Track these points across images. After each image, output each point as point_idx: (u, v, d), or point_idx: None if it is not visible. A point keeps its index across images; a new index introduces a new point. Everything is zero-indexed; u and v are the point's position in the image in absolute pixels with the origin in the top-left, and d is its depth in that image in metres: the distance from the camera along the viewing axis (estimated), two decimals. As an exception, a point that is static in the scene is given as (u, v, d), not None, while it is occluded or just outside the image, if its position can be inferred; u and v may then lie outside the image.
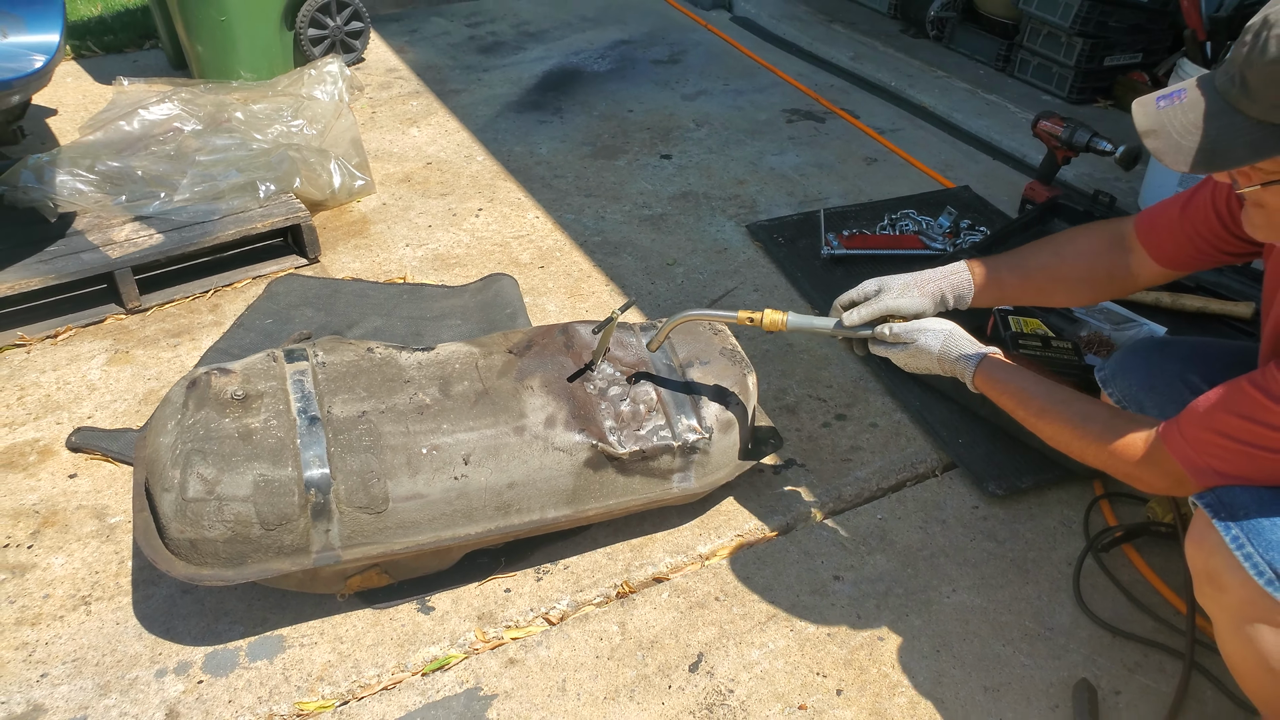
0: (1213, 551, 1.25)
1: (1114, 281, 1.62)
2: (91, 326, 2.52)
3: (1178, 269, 1.53)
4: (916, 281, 1.65)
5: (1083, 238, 1.65)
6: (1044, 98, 3.94)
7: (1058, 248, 1.66)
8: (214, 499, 1.54)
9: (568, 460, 1.75)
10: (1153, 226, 1.52)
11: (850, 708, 1.63)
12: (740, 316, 1.75)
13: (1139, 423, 1.36)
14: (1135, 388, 1.65)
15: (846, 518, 2.00)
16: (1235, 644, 1.30)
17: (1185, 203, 1.47)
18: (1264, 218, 1.21)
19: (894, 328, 1.62)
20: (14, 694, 1.62)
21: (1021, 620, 1.78)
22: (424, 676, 1.67)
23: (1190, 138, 1.12)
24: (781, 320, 1.73)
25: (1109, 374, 1.71)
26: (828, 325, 1.72)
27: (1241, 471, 1.24)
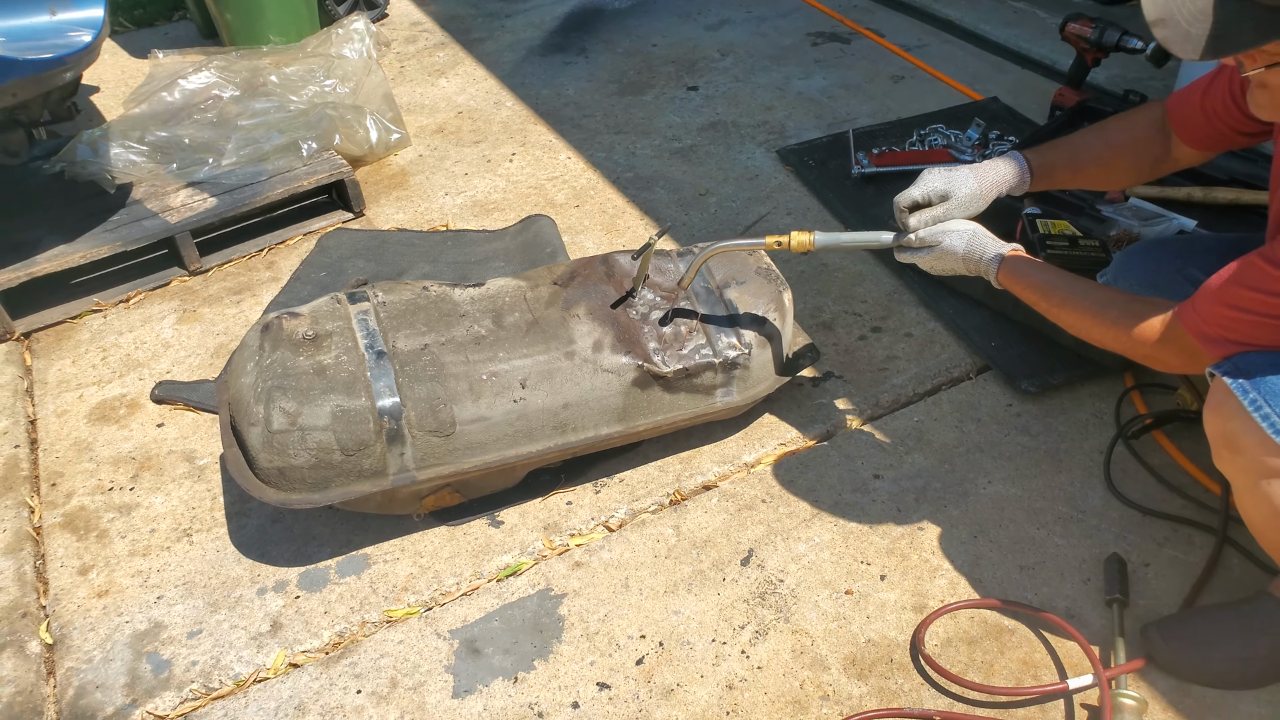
0: (1231, 416, 1.34)
1: (1158, 164, 1.71)
2: (159, 289, 2.68)
3: (1205, 150, 1.61)
4: (980, 189, 1.69)
5: (1129, 125, 1.72)
6: (1076, 2, 3.91)
7: (1107, 137, 1.72)
8: (297, 429, 1.69)
9: (616, 381, 1.87)
10: (1180, 110, 1.61)
11: (894, 590, 1.75)
12: (768, 242, 1.82)
13: (1155, 305, 1.43)
14: (1136, 285, 1.73)
15: (884, 422, 2.10)
16: (1253, 502, 1.39)
17: (1206, 87, 1.54)
18: (1268, 98, 1.27)
19: (920, 232, 1.70)
20: (136, 614, 1.79)
21: (1055, 505, 1.88)
22: (499, 582, 1.82)
23: (1199, 25, 1.16)
24: (809, 240, 1.79)
25: (1112, 276, 1.80)
26: (859, 240, 1.79)
27: (1255, 341, 1.31)
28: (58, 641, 1.77)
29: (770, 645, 1.68)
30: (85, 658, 1.73)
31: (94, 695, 1.67)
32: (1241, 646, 1.54)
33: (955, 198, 1.69)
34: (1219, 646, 1.54)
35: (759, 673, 1.64)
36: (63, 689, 1.69)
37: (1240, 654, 1.53)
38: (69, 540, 1.95)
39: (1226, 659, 1.54)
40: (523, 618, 1.76)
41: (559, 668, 1.67)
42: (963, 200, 1.69)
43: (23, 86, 2.30)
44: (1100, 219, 2.34)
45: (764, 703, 1.60)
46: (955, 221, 1.69)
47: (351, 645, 1.74)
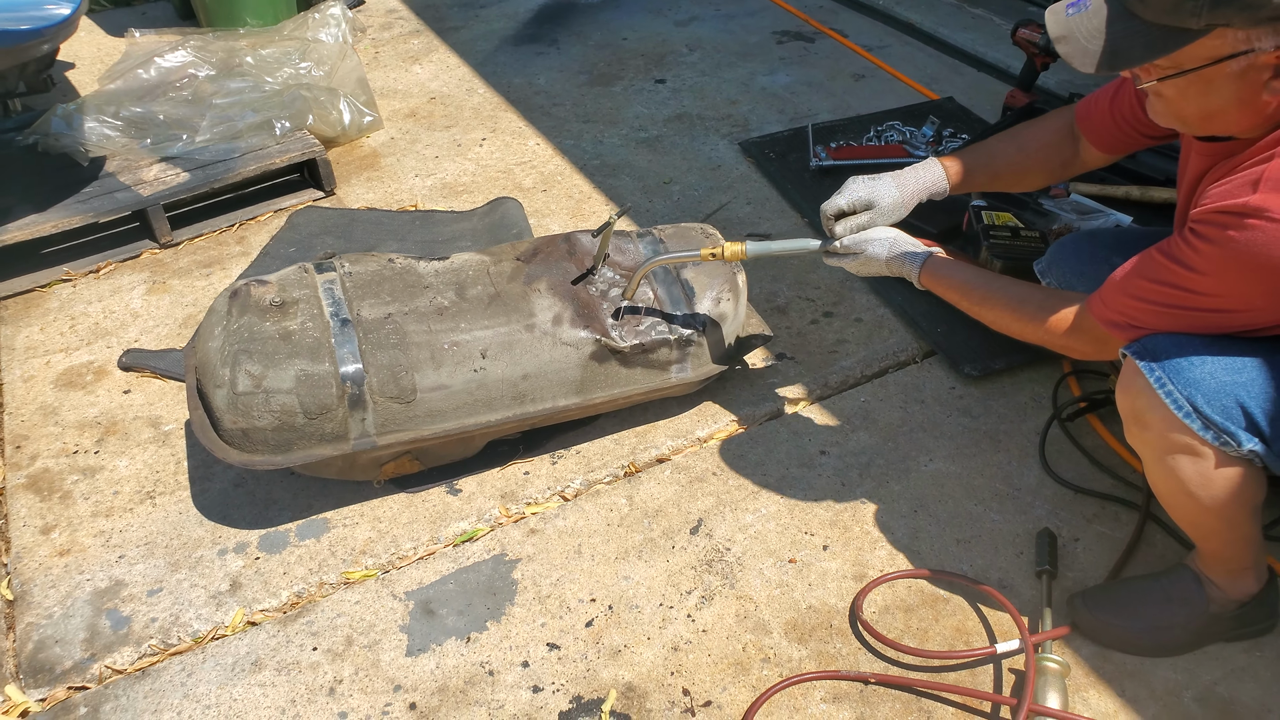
0: (1138, 394, 1.42)
1: (1067, 168, 1.79)
2: (129, 261, 2.71)
3: (1113, 153, 1.70)
4: (901, 198, 1.77)
5: (1040, 131, 1.80)
6: (1031, 9, 4.01)
7: (1021, 143, 1.80)
8: (261, 392, 1.73)
9: (574, 354, 1.93)
10: (1088, 115, 1.69)
11: (835, 560, 1.83)
12: (703, 254, 1.89)
13: (1067, 299, 1.52)
14: (1069, 275, 1.84)
15: (833, 402, 2.18)
16: (1160, 475, 1.48)
17: (1114, 95, 1.63)
18: (1164, 106, 1.36)
19: (843, 241, 1.77)
20: (97, 572, 1.84)
21: (992, 483, 1.97)
22: (455, 547, 1.88)
23: (1095, 42, 1.26)
24: (741, 250, 1.87)
25: (1045, 265, 1.91)
26: (788, 247, 1.86)
27: (1156, 326, 1.40)
28: (18, 598, 1.80)
29: (715, 610, 1.75)
30: (45, 613, 1.77)
31: (53, 649, 1.71)
32: (1159, 615, 1.62)
33: (879, 206, 1.77)
34: (1138, 615, 1.63)
35: (703, 635, 1.71)
36: (22, 643, 1.73)
37: (1157, 622, 1.62)
38: (32, 500, 1.98)
39: (1145, 627, 1.63)
40: (477, 581, 1.82)
41: (511, 629, 1.73)
42: (886, 209, 1.77)
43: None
44: (1042, 213, 2.43)
45: (707, 664, 1.67)
46: (878, 230, 1.77)
47: (309, 605, 1.79)
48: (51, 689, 1.65)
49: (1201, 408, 1.35)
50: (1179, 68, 1.25)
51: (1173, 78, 1.27)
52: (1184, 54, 1.23)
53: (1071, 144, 1.76)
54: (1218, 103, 1.27)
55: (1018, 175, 1.83)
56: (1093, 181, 2.56)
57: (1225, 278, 1.29)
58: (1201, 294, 1.33)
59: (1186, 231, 1.32)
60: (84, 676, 1.67)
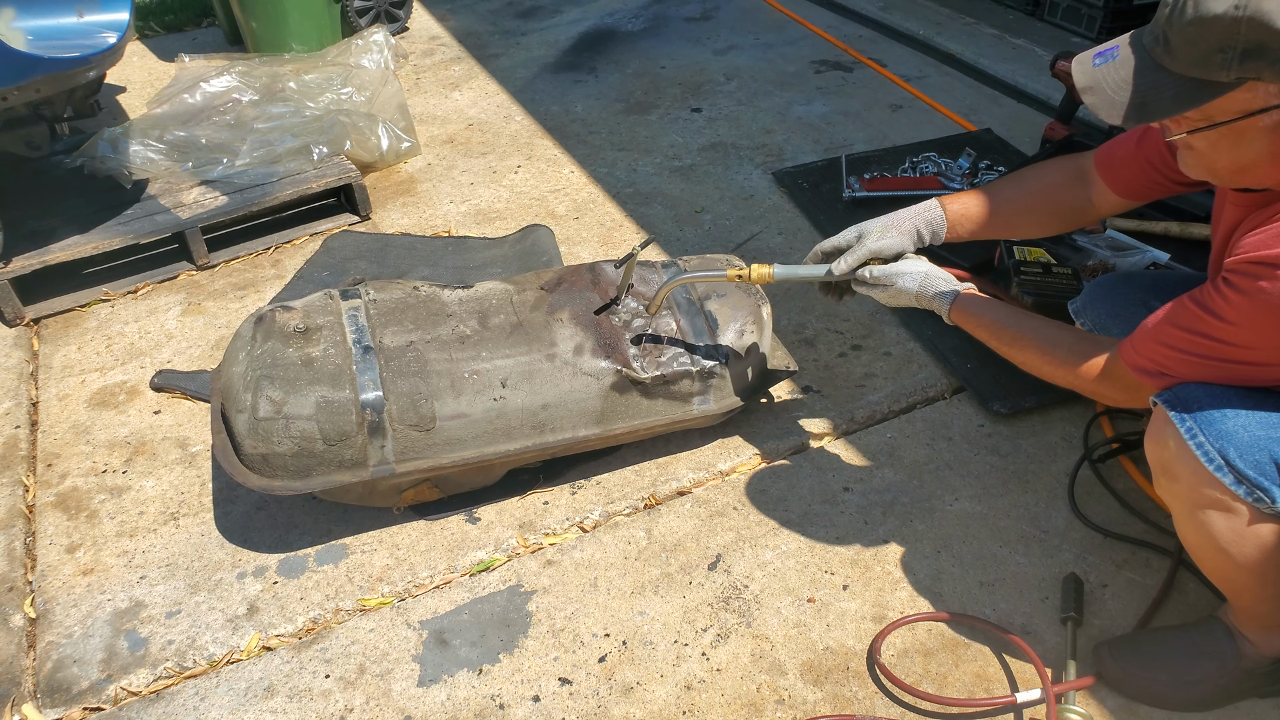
0: (1168, 444, 1.38)
1: (1075, 213, 1.73)
2: (167, 282, 2.76)
3: (1134, 199, 1.64)
4: (893, 223, 1.76)
5: (1047, 174, 1.76)
6: (1073, 40, 3.97)
7: (1024, 183, 1.76)
8: (282, 418, 1.75)
9: (595, 384, 1.92)
10: (1110, 160, 1.63)
11: (855, 600, 1.79)
12: (729, 274, 1.86)
13: (1100, 344, 1.49)
14: (1104, 317, 1.79)
15: (858, 437, 2.15)
16: (1190, 529, 1.43)
17: (1140, 137, 1.58)
18: (1195, 159, 1.33)
19: (874, 271, 1.73)
20: (118, 592, 1.86)
21: (1019, 524, 1.92)
22: (471, 576, 1.87)
23: (1122, 93, 1.23)
24: (769, 273, 1.83)
25: (1080, 306, 1.87)
26: (814, 272, 1.82)
27: (1187, 375, 1.36)
28: (41, 616, 1.83)
29: (731, 648, 1.73)
30: (66, 632, 1.80)
31: (71, 669, 1.73)
32: (1186, 669, 1.57)
33: (868, 234, 1.75)
34: (1165, 668, 1.58)
35: (718, 675, 1.69)
36: (41, 662, 1.75)
37: (1186, 676, 1.56)
38: (60, 519, 2.02)
39: (1171, 680, 1.57)
40: (492, 612, 1.81)
41: (523, 662, 1.72)
42: (874, 231, 1.75)
43: (47, 83, 2.40)
44: (1076, 248, 2.38)
45: (720, 704, 1.64)
46: (908, 262, 1.73)
47: (324, 631, 1.79)
48: (68, 709, 1.67)
49: (1234, 461, 1.31)
50: (1209, 120, 1.22)
51: (1203, 130, 1.24)
52: (1214, 107, 1.20)
53: (1081, 189, 1.70)
54: (1250, 156, 1.24)
55: (1020, 217, 1.77)
56: (1130, 217, 2.51)
57: (1256, 329, 1.25)
58: (1232, 345, 1.29)
59: (1219, 281, 1.28)
60: (99, 698, 1.68)
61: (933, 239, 1.77)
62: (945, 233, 1.77)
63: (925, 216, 1.76)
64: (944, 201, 1.77)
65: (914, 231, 1.76)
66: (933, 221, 1.76)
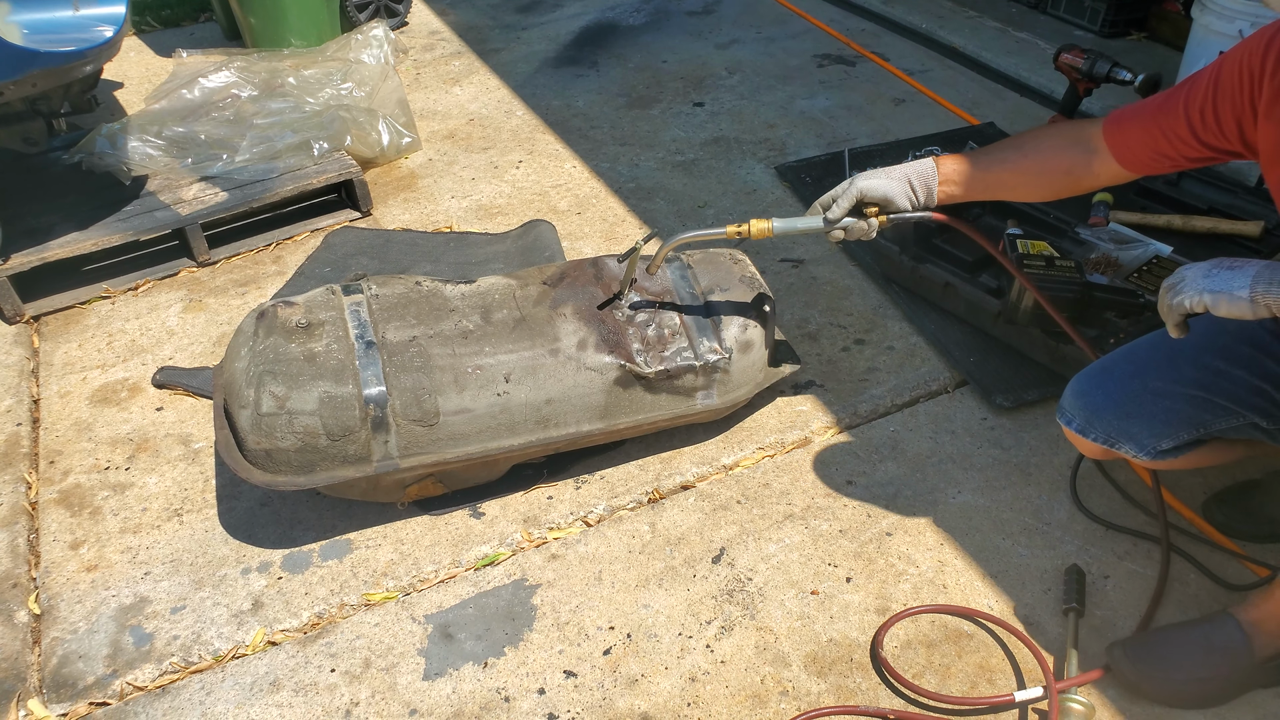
0: None
1: (1070, 177, 1.67)
2: (167, 279, 2.76)
3: (1137, 171, 1.60)
4: (884, 169, 1.75)
5: (1045, 136, 1.71)
6: (1076, 33, 3.96)
7: (1021, 144, 1.72)
8: (285, 413, 1.75)
9: (599, 379, 1.92)
10: (1121, 127, 1.59)
11: (858, 593, 1.79)
12: (729, 231, 1.86)
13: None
14: (1116, 420, 1.65)
15: (861, 431, 2.15)
16: None
17: (1159, 107, 1.54)
18: None
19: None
20: (122, 588, 1.86)
21: (1021, 517, 1.92)
22: (476, 571, 1.87)
23: None
24: (768, 227, 1.83)
25: (1083, 424, 1.68)
26: (812, 223, 1.80)
27: None
28: (45, 612, 1.83)
29: (735, 640, 1.73)
30: (70, 628, 1.80)
31: (76, 665, 1.73)
32: (1201, 666, 1.56)
33: (858, 176, 1.75)
34: (1181, 667, 1.57)
35: (722, 666, 1.69)
36: (46, 657, 1.75)
37: (1200, 674, 1.56)
38: (63, 516, 2.02)
39: (1187, 678, 1.56)
40: (497, 606, 1.81)
41: (528, 655, 1.72)
42: (864, 174, 1.74)
43: (43, 77, 2.39)
44: (1079, 241, 2.38)
45: (724, 695, 1.64)
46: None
47: (329, 626, 1.79)
48: (73, 704, 1.67)
49: None
50: None
51: None
52: None
53: (1081, 154, 1.64)
54: None
55: (1014, 177, 1.72)
56: (1133, 210, 2.51)
57: None
58: None
59: None
60: (105, 693, 1.68)
61: (925, 194, 1.74)
62: (937, 187, 1.74)
63: (918, 169, 1.74)
64: (939, 159, 1.75)
65: (905, 179, 1.73)
66: (924, 173, 1.74)
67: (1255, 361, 1.55)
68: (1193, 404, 1.58)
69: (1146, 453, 1.62)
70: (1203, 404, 1.57)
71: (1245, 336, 1.57)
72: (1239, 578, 1.77)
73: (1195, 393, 1.58)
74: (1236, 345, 1.58)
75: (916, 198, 1.75)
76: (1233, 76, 1.42)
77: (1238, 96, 1.42)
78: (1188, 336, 1.49)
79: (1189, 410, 1.58)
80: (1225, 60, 1.45)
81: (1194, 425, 1.59)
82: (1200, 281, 1.39)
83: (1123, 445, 1.64)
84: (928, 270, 2.40)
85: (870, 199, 1.73)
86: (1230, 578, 1.77)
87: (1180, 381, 1.59)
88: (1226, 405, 1.56)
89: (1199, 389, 1.57)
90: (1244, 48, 1.42)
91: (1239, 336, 1.58)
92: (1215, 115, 1.45)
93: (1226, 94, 1.43)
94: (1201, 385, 1.57)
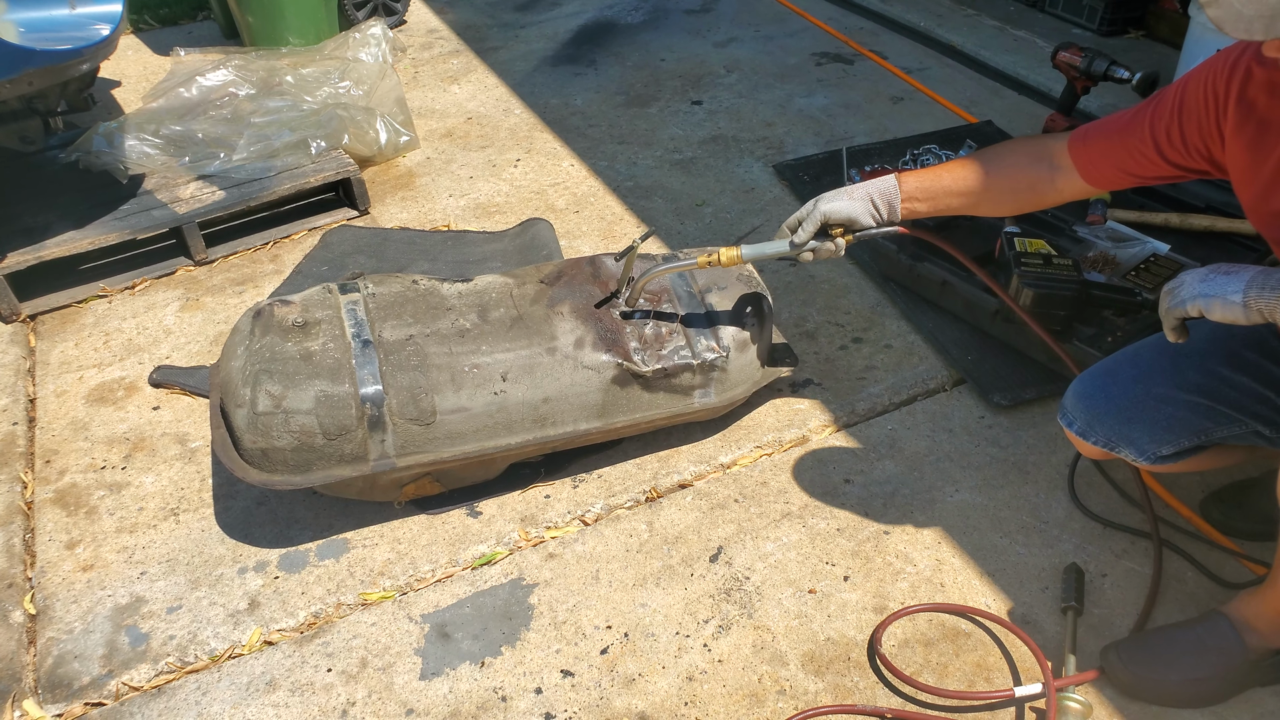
0: None
1: (1034, 193, 1.69)
2: (164, 278, 2.75)
3: (1103, 186, 1.61)
4: (847, 190, 1.76)
5: (1008, 152, 1.72)
6: (1074, 31, 3.96)
7: (984, 160, 1.73)
8: (281, 412, 1.74)
9: (596, 378, 1.92)
10: (1087, 144, 1.59)
11: (856, 591, 1.79)
12: (700, 261, 1.90)
13: None
14: (1117, 424, 1.64)
15: (859, 429, 2.15)
16: None
17: (1125, 126, 1.55)
18: None
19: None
20: (119, 588, 1.85)
21: (1019, 515, 1.92)
22: (473, 570, 1.87)
23: (1251, 5, 1.14)
24: (737, 254, 1.86)
25: (1084, 426, 1.68)
26: (779, 248, 1.83)
27: None
28: (41, 612, 1.82)
29: (732, 640, 1.72)
30: (66, 629, 1.79)
31: (72, 665, 1.73)
32: (1195, 666, 1.56)
33: (822, 199, 1.76)
34: (1175, 668, 1.56)
35: (719, 665, 1.68)
36: (42, 658, 1.74)
37: (1194, 674, 1.56)
38: (59, 515, 2.01)
39: (1181, 679, 1.56)
40: (494, 605, 1.81)
41: (525, 654, 1.72)
42: (826, 196, 1.76)
43: (39, 76, 2.38)
44: (1077, 239, 2.38)
45: (722, 695, 1.64)
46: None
47: (326, 625, 1.79)
48: (69, 705, 1.66)
49: None
50: None
51: None
52: None
53: (1044, 170, 1.65)
54: None
55: (977, 196, 1.72)
56: (1130, 208, 2.50)
57: None
58: None
59: None
60: (101, 693, 1.68)
61: (888, 211, 1.75)
62: (899, 204, 1.75)
63: (879, 186, 1.75)
64: (901, 176, 1.75)
65: (867, 198, 1.75)
66: (886, 192, 1.75)
67: (1261, 368, 1.55)
68: (1195, 411, 1.57)
69: (1146, 458, 1.61)
70: (1205, 411, 1.57)
71: (1253, 343, 1.57)
72: (1237, 576, 1.77)
73: (1198, 400, 1.57)
74: (1243, 351, 1.57)
75: (880, 214, 1.76)
76: (1197, 98, 1.43)
77: (1204, 119, 1.43)
78: (1194, 341, 1.48)
79: (1191, 417, 1.58)
80: (1189, 81, 1.45)
81: (1196, 432, 1.58)
82: (1196, 286, 1.39)
83: (1123, 449, 1.63)
84: (925, 268, 2.40)
85: (835, 220, 1.75)
86: (1228, 576, 1.77)
87: (1184, 388, 1.58)
88: (1229, 413, 1.55)
89: (1202, 396, 1.57)
90: (1207, 69, 1.43)
91: (1246, 342, 1.57)
92: (1181, 136, 1.46)
93: (1192, 115, 1.44)
94: (1205, 392, 1.57)
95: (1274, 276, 1.31)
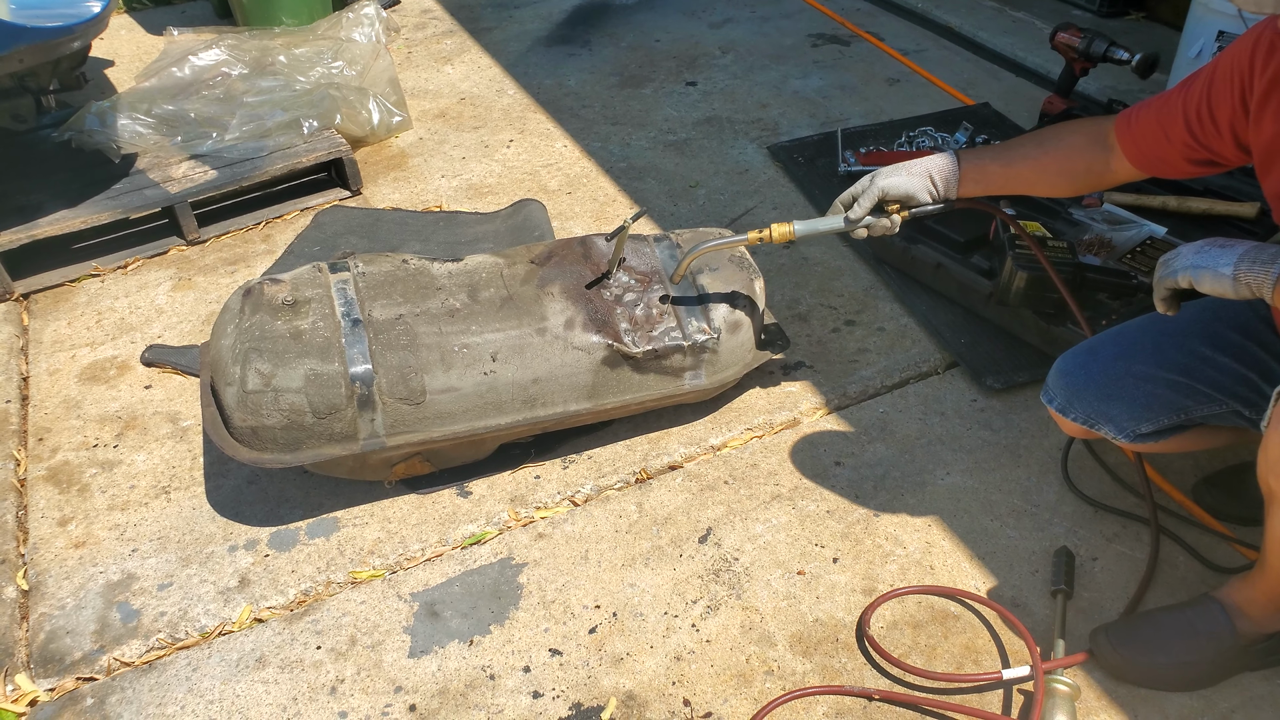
0: None
1: (1090, 174, 1.67)
2: (157, 257, 2.74)
3: (1146, 170, 1.60)
4: (904, 165, 1.74)
5: (1067, 133, 1.71)
6: (1074, 12, 3.94)
7: (1042, 140, 1.72)
8: (270, 390, 1.74)
9: (586, 359, 1.91)
10: (1129, 126, 1.58)
11: (845, 573, 1.79)
12: (750, 237, 1.87)
13: None
14: (1096, 401, 1.66)
15: (850, 412, 2.15)
16: None
17: (1160, 106, 1.53)
18: None
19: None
20: (110, 565, 1.86)
21: (1010, 498, 1.92)
22: (463, 549, 1.87)
23: None
24: (789, 230, 1.84)
25: (1064, 403, 1.70)
26: (834, 224, 1.81)
27: None
28: (33, 588, 1.83)
29: (720, 620, 1.73)
30: (58, 604, 1.80)
31: (64, 640, 1.73)
32: (1185, 650, 1.56)
33: (879, 174, 1.74)
34: (1164, 651, 1.56)
35: (707, 646, 1.69)
36: (34, 633, 1.75)
37: (1184, 658, 1.56)
38: (51, 493, 2.01)
39: (1170, 662, 1.56)
40: (483, 584, 1.81)
41: (514, 633, 1.72)
42: (884, 171, 1.74)
43: (30, 53, 2.37)
44: (1072, 222, 2.37)
45: (709, 674, 1.64)
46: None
47: (315, 603, 1.79)
48: (60, 679, 1.67)
49: None
50: None
51: None
52: None
53: (1100, 152, 1.65)
54: None
55: (1035, 174, 1.71)
56: (1128, 191, 2.50)
57: None
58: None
59: None
60: (93, 668, 1.69)
61: (945, 188, 1.73)
62: (957, 183, 1.73)
63: (938, 163, 1.73)
64: (961, 153, 1.74)
65: (925, 174, 1.73)
66: (945, 169, 1.73)
67: (1243, 349, 1.55)
68: (1175, 389, 1.58)
69: (1125, 435, 1.62)
70: (1185, 390, 1.57)
71: (1237, 323, 1.57)
72: (1229, 560, 1.77)
73: (1178, 378, 1.57)
74: (1226, 332, 1.57)
75: (937, 192, 1.75)
76: (1226, 74, 1.42)
77: (1231, 95, 1.41)
78: (1178, 321, 1.48)
79: (1170, 395, 1.58)
80: (1220, 59, 1.44)
81: (1175, 410, 1.59)
82: (1190, 257, 1.38)
83: (1102, 426, 1.64)
84: (919, 251, 2.39)
85: (892, 196, 1.74)
86: (1220, 561, 1.77)
87: (1164, 366, 1.58)
88: (1208, 392, 1.56)
89: (1182, 374, 1.57)
90: (1236, 46, 1.42)
91: (1230, 323, 1.57)
92: (1211, 115, 1.44)
93: (1221, 93, 1.43)
94: (1185, 371, 1.57)
95: (1266, 252, 1.31)
